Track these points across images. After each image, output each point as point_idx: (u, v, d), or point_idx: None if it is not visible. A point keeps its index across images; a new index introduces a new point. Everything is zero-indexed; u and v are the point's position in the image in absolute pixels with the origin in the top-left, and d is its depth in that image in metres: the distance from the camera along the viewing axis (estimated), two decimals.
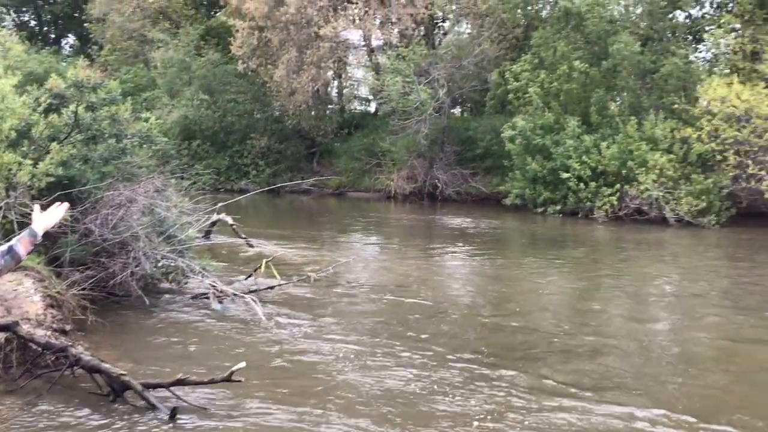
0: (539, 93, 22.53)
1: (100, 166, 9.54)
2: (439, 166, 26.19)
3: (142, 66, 32.23)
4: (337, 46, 27.67)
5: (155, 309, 9.32)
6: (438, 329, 9.02)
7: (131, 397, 6.15)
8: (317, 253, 14.31)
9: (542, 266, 13.76)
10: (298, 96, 27.22)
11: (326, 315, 9.51)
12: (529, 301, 10.85)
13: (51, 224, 3.71)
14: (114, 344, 7.83)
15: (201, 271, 9.81)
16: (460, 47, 26.34)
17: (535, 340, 8.57)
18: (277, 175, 28.32)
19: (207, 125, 28.71)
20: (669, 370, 7.57)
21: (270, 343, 8.10)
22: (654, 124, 20.47)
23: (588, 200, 20.88)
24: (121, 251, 9.22)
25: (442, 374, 7.14)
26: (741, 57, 20.67)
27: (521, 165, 22.22)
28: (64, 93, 9.80)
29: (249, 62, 28.39)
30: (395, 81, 24.78)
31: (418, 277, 12.26)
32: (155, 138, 10.94)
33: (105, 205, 9.15)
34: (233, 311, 9.44)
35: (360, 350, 7.91)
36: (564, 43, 22.76)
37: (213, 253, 12.98)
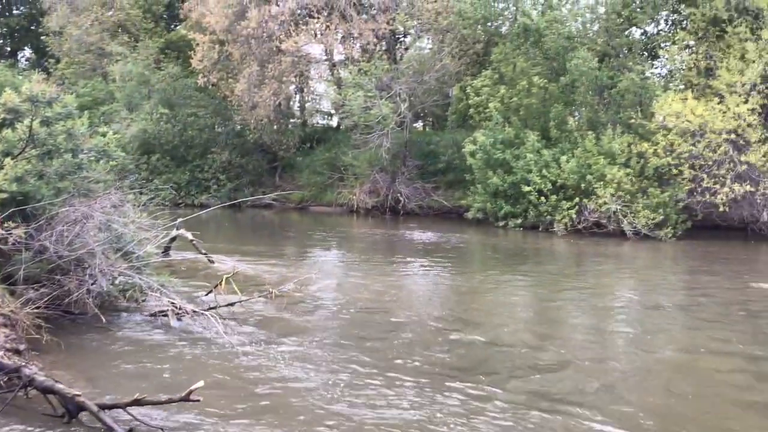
0: (499, 108, 22.80)
1: (55, 182, 9.35)
2: (402, 180, 26.29)
3: (101, 79, 31.80)
4: (299, 61, 27.67)
5: (112, 327, 9.13)
6: (398, 343, 8.99)
7: (87, 418, 6.00)
8: (279, 268, 14.20)
9: (504, 280, 13.85)
10: (259, 110, 27.13)
11: (287, 331, 9.42)
12: (491, 314, 10.89)
13: None
14: (69, 364, 7.64)
15: (159, 288, 9.66)
16: (422, 62, 26.54)
17: (497, 355, 8.59)
18: (238, 190, 28.15)
19: (167, 139, 28.42)
20: (629, 384, 7.65)
21: (229, 361, 7.99)
22: (611, 138, 20.84)
23: (548, 214, 21.13)
24: (77, 268, 9.03)
25: (401, 389, 7.11)
26: (695, 73, 21.21)
27: (482, 179, 22.41)
28: (18, 107, 9.60)
29: (210, 76, 28.23)
30: (357, 95, 24.85)
31: (380, 291, 12.23)
32: (112, 152, 10.77)
33: (60, 222, 8.97)
34: (193, 329, 9.30)
35: (320, 366, 7.85)
36: (523, 59, 23.10)
37: (172, 269, 12.81)
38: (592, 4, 22.99)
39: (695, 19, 21.35)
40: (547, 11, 23.55)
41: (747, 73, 19.27)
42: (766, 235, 19.53)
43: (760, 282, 13.43)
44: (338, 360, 8.15)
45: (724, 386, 7.70)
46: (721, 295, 12.48)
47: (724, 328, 10.17)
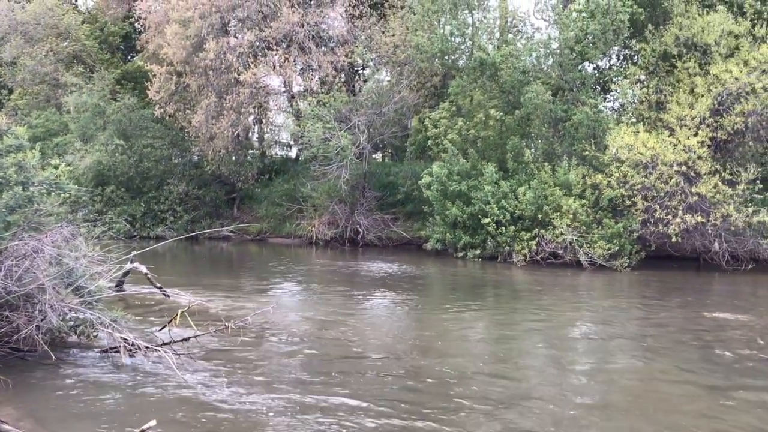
0: (457, 140, 23.04)
1: (4, 216, 9.12)
2: (361, 211, 26.31)
3: (54, 110, 31.35)
4: (258, 92, 27.66)
5: (62, 365, 8.88)
6: (355, 375, 8.90)
7: None
8: (236, 301, 14.01)
9: (463, 311, 13.86)
10: (217, 141, 26.99)
11: (243, 365, 9.26)
12: (450, 346, 10.87)
13: None
14: (17, 403, 7.41)
15: (111, 323, 9.44)
16: (380, 94, 26.77)
17: (456, 387, 8.55)
18: (195, 222, 27.86)
19: (122, 170, 28.04)
20: (588, 415, 7.67)
21: (184, 398, 7.81)
22: (567, 170, 21.18)
23: (506, 244, 21.31)
24: (26, 304, 8.79)
25: (360, 421, 7.02)
26: (646, 106, 21.76)
27: (441, 210, 22.54)
28: None
29: (166, 107, 28.03)
30: (316, 127, 24.90)
31: (338, 323, 12.13)
32: (64, 185, 10.55)
33: (9, 256, 8.74)
34: (146, 365, 9.09)
35: (277, 401, 7.72)
36: (480, 92, 23.46)
37: (126, 303, 12.56)
38: (545, 40, 23.49)
39: (646, 54, 21.97)
40: (502, 46, 24.00)
41: (696, 107, 19.83)
42: (717, 265, 19.95)
43: (713, 311, 13.68)
44: (296, 393, 8.02)
45: (683, 416, 7.76)
46: (675, 325, 12.66)
47: (679, 358, 10.30)
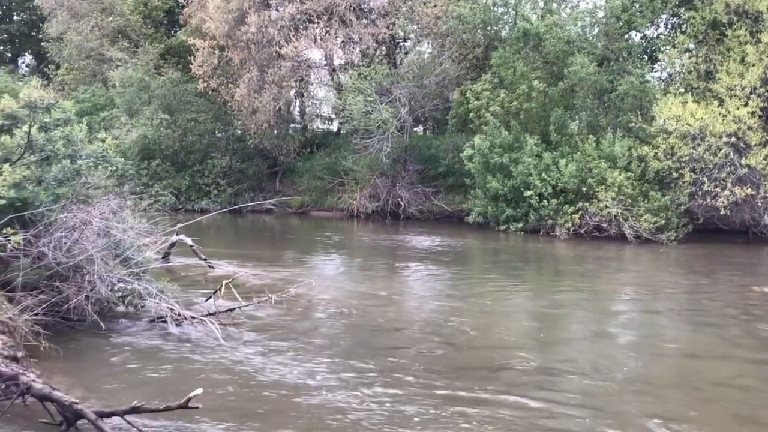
0: (499, 112, 22.78)
1: (53, 188, 9.32)
2: (402, 184, 26.26)
3: (101, 85, 31.80)
4: (299, 66, 27.67)
5: (111, 334, 9.10)
6: (400, 349, 8.95)
7: (85, 425, 5.96)
8: (279, 273, 14.16)
9: (505, 283, 13.80)
10: (259, 115, 27.12)
11: (287, 337, 9.38)
12: (492, 318, 10.84)
13: None
14: (68, 371, 7.61)
15: (158, 293, 9.62)
16: (422, 67, 26.54)
17: (497, 359, 8.54)
18: (238, 195, 28.13)
19: (167, 145, 28.39)
20: (631, 389, 7.60)
21: (229, 367, 7.95)
22: (612, 142, 20.81)
23: (549, 218, 21.09)
24: (76, 275, 8.99)
25: (403, 393, 7.07)
26: (695, 76, 21.17)
27: (482, 183, 22.38)
28: (16, 113, 9.58)
29: (210, 81, 28.22)
30: (357, 100, 24.84)
31: (380, 296, 12.19)
32: (111, 158, 10.73)
33: (59, 228, 8.93)
34: (192, 334, 9.26)
35: (321, 372, 7.81)
36: (523, 63, 23.09)
37: (172, 275, 12.77)
38: (591, 9, 22.99)
39: (695, 22, 21.34)
40: (546, 15, 23.55)
41: (747, 77, 19.24)
42: (767, 238, 19.47)
43: (762, 285, 13.38)
44: (338, 364, 8.10)
45: (729, 390, 7.64)
46: (722, 299, 12.43)
47: (726, 332, 10.12)
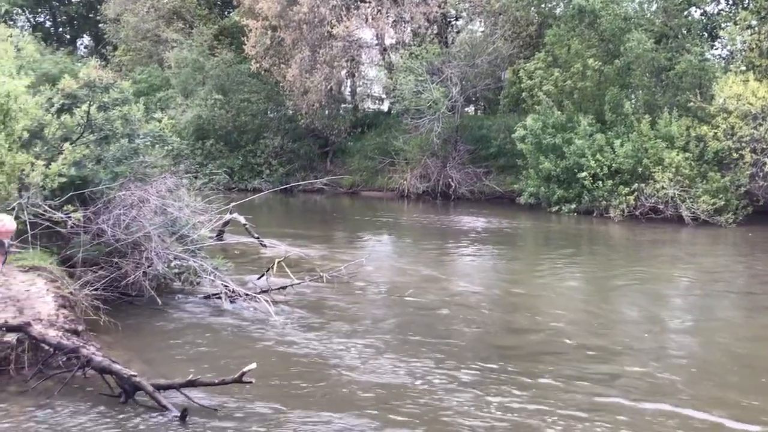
0: (552, 92, 22.40)
1: (112, 166, 9.54)
2: (453, 164, 26.12)
3: (157, 66, 32.34)
4: (350, 45, 27.64)
5: (168, 309, 9.31)
6: (450, 329, 8.95)
7: (143, 398, 6.13)
8: (330, 252, 14.28)
9: (557, 266, 13.65)
10: (311, 95, 27.23)
11: (339, 315, 9.47)
12: (544, 300, 10.75)
13: None
14: (126, 345, 7.82)
15: (213, 271, 9.80)
16: (474, 45, 26.24)
17: (550, 341, 8.47)
18: (290, 175, 28.35)
19: (220, 125, 28.77)
20: (684, 372, 7.46)
21: (281, 344, 8.07)
22: (669, 122, 20.30)
23: (603, 199, 20.73)
24: (134, 251, 9.21)
25: (452, 372, 7.07)
26: (757, 54, 20.44)
27: (534, 164, 22.10)
28: (76, 93, 9.82)
29: (262, 62, 28.41)
30: (408, 80, 24.73)
31: (431, 276, 12.20)
32: (168, 138, 10.94)
33: (117, 206, 9.16)
34: (245, 311, 9.42)
35: (371, 351, 7.86)
36: (578, 41, 22.62)
37: (226, 252, 12.98)
38: None
39: None
40: None
41: None
42: None
43: None
44: (389, 343, 8.15)
45: None
46: None
47: None
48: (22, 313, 6.99)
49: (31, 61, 10.41)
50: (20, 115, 8.50)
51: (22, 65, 9.87)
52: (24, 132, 8.42)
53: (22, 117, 8.50)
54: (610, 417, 6.09)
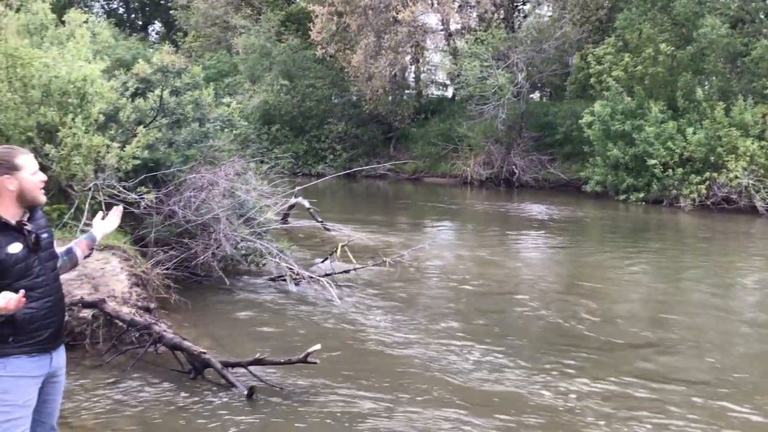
0: (622, 77, 21.87)
1: (183, 150, 9.78)
2: (517, 151, 25.84)
3: (225, 52, 32.92)
4: (415, 31, 27.55)
5: (234, 290, 9.52)
6: (514, 318, 8.91)
7: (211, 375, 6.31)
8: (393, 238, 14.34)
9: (623, 255, 13.38)
10: (375, 81, 27.28)
11: (401, 300, 9.51)
12: (609, 291, 10.57)
13: (109, 231, 4.06)
14: (195, 323, 8.04)
15: (279, 253, 9.96)
16: (541, 30, 25.82)
17: (613, 332, 8.33)
18: (353, 160, 28.53)
19: (286, 110, 29.12)
20: (749, 366, 7.24)
21: (344, 327, 8.17)
22: (744, 109, 19.59)
23: (673, 188, 20.19)
24: (203, 233, 9.44)
25: (513, 359, 7.04)
26: None
27: (602, 151, 21.66)
28: (150, 78, 10.09)
29: (328, 47, 28.60)
30: (473, 65, 24.52)
31: (494, 263, 12.13)
32: (236, 122, 11.15)
33: (188, 188, 9.39)
34: (309, 294, 9.56)
35: (433, 336, 7.89)
36: (650, 25, 22.01)
37: (290, 236, 13.17)
38: None
39: None
40: None
41: None
42: None
43: None
44: (452, 329, 8.16)
45: None
46: None
47: None
48: (98, 291, 7.25)
49: (106, 47, 10.67)
50: (96, 99, 8.77)
51: (98, 50, 10.14)
52: (100, 115, 8.68)
53: (98, 100, 8.77)
54: (676, 412, 5.96)
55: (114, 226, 4.06)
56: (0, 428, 3.44)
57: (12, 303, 3.10)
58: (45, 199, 3.60)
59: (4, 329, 3.38)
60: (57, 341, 3.65)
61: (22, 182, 3.43)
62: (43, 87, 8.37)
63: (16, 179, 3.42)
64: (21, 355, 3.46)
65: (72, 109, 8.50)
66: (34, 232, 3.51)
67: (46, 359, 3.58)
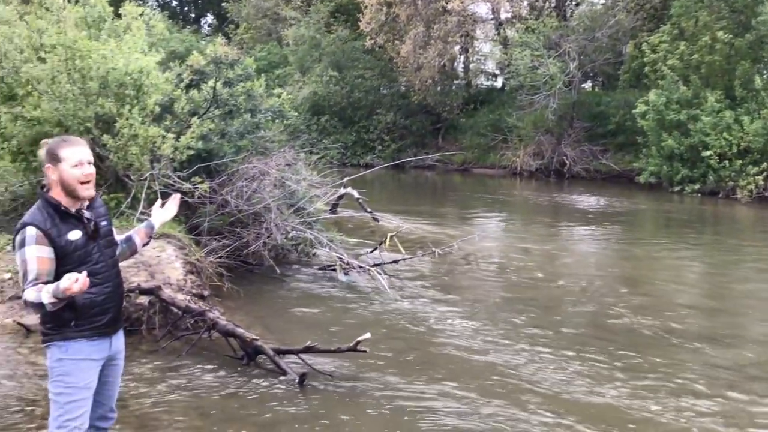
0: (678, 66, 21.36)
1: (236, 140, 9.93)
2: (568, 142, 25.49)
3: (275, 44, 33.21)
4: (465, 20, 27.37)
5: (285, 278, 9.64)
6: (563, 310, 8.82)
7: (263, 361, 6.41)
8: (441, 228, 14.31)
9: (678, 248, 13.11)
10: (424, 71, 27.20)
11: (450, 290, 9.51)
12: (660, 282, 10.37)
13: (167, 219, 4.12)
14: (247, 310, 8.17)
15: (328, 243, 10.04)
16: (594, 18, 25.39)
17: (668, 326, 8.18)
18: (402, 151, 28.52)
19: (335, 101, 29.25)
20: None
21: (393, 316, 8.20)
22: None
23: (730, 179, 19.68)
24: (255, 222, 9.57)
25: (563, 353, 6.98)
26: None
27: (656, 141, 21.22)
28: (203, 69, 10.24)
29: (377, 38, 28.61)
30: (524, 55, 24.25)
31: (543, 255, 12.02)
32: (287, 113, 11.25)
33: (240, 178, 9.53)
34: (358, 283, 9.62)
35: (482, 327, 7.86)
36: (707, 13, 21.40)
37: (339, 226, 13.25)
38: None
39: None
40: None
41: None
42: None
43: None
44: (500, 320, 8.12)
45: None
46: None
47: None
48: (154, 278, 7.43)
49: (160, 39, 10.87)
50: (152, 90, 8.95)
51: (153, 42, 10.34)
52: (156, 106, 8.87)
53: (153, 92, 8.95)
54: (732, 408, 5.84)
55: (171, 214, 4.14)
56: (63, 409, 3.57)
57: (77, 285, 3.19)
58: (88, 194, 3.59)
59: (65, 314, 3.50)
60: (116, 326, 3.76)
61: (61, 173, 3.51)
62: (101, 79, 8.57)
63: (57, 170, 3.51)
64: (81, 339, 3.58)
65: (129, 100, 8.69)
66: (93, 219, 3.62)
67: (106, 343, 3.69)
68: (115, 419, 3.96)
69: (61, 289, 3.22)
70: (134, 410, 5.31)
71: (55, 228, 3.47)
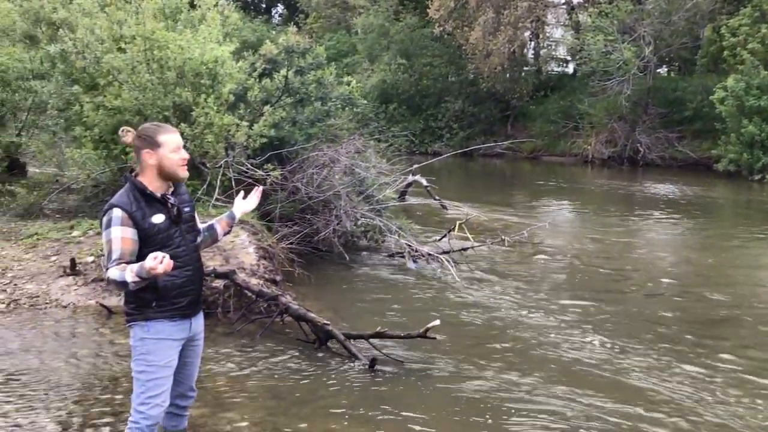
0: (759, 50, 20.52)
1: (306, 128, 10.06)
2: (642, 129, 24.86)
3: (344, 32, 33.41)
4: (536, 5, 26.95)
5: (354, 265, 9.74)
6: (637, 300, 8.65)
7: (334, 345, 6.51)
8: (510, 216, 14.19)
9: (756, 239, 12.65)
10: (493, 58, 26.93)
11: (520, 279, 9.43)
12: (736, 275, 10.04)
13: (249, 210, 4.25)
14: (318, 296, 8.30)
15: (397, 230, 10.09)
16: (670, 1, 24.58)
17: (746, 318, 7.93)
18: (470, 139, 28.35)
19: (403, 89, 29.26)
20: None
21: (462, 304, 8.19)
22: None
23: None
24: (325, 209, 9.70)
25: (640, 346, 6.84)
26: None
27: (736, 128, 20.47)
28: (276, 58, 10.40)
29: (446, 25, 28.44)
30: (596, 40, 23.73)
31: (615, 245, 11.79)
32: (357, 101, 11.33)
33: (310, 165, 9.67)
34: (427, 271, 9.65)
35: (553, 317, 7.78)
36: None
37: (408, 213, 13.29)
38: None
39: None
40: None
41: None
42: None
43: None
44: (571, 310, 8.02)
45: None
46: None
47: None
48: (228, 262, 7.63)
49: (234, 29, 11.08)
50: (227, 80, 9.15)
51: (227, 33, 10.55)
52: (230, 95, 9.07)
53: (228, 81, 9.15)
54: None
55: (253, 206, 4.26)
56: (145, 386, 3.72)
57: (161, 266, 3.29)
58: (186, 175, 3.80)
59: (147, 295, 3.64)
60: (195, 308, 3.88)
61: (161, 159, 3.65)
62: (178, 68, 8.81)
63: (157, 155, 3.65)
64: (162, 319, 3.71)
65: (204, 89, 8.91)
66: (177, 205, 3.75)
67: (186, 324, 3.82)
68: (194, 398, 4.10)
69: (146, 269, 3.32)
70: (211, 390, 5.48)
71: (140, 211, 3.60)
